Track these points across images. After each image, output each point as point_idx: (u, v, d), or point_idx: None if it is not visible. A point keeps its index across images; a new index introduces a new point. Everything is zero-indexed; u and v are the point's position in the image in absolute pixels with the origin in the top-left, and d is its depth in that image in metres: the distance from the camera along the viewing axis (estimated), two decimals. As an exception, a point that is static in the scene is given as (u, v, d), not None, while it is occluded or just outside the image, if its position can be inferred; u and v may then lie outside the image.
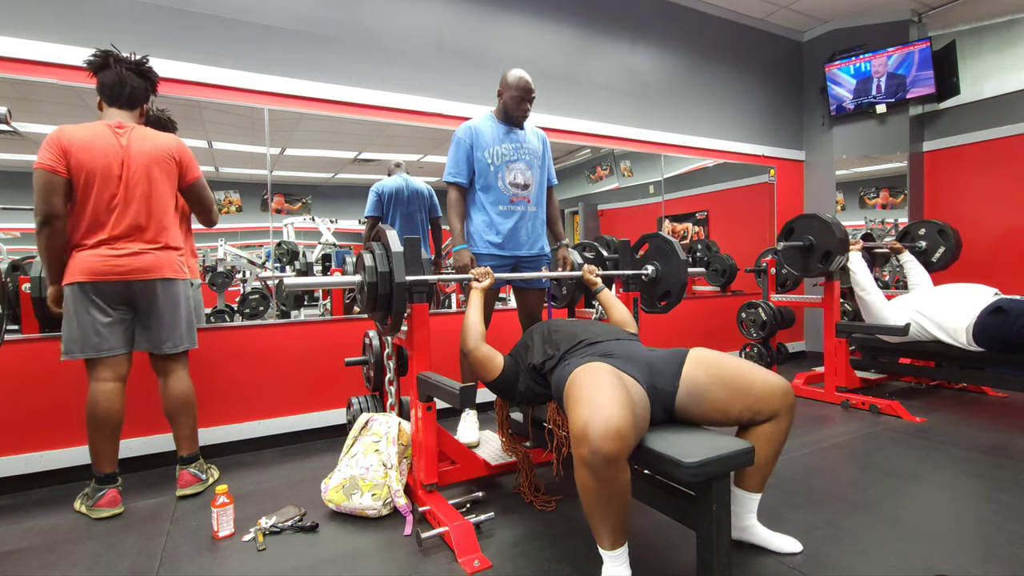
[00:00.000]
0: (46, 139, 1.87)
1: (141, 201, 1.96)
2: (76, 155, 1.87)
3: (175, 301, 2.06)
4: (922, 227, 3.87)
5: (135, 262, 1.95)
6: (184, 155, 2.08)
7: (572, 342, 1.64)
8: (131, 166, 1.95)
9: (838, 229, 3.09)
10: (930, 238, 3.81)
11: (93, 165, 1.89)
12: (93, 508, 1.94)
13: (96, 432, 1.95)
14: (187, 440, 2.15)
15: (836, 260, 3.09)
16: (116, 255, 1.93)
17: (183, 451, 2.14)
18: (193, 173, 2.11)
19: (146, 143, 2.00)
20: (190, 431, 2.15)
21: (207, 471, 2.21)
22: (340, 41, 2.97)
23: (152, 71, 2.09)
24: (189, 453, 2.15)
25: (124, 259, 1.93)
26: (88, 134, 1.91)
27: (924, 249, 3.79)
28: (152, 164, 1.99)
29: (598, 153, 4.09)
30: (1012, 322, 2.61)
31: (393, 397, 2.14)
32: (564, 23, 3.76)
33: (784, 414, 1.43)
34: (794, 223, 3.31)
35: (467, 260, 2.23)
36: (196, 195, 2.15)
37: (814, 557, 1.52)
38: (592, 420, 1.18)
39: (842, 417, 2.96)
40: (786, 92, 5.01)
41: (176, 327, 2.07)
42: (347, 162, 3.31)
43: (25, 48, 2.27)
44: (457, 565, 1.54)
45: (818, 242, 3.17)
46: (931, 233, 3.81)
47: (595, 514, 1.25)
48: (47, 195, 1.84)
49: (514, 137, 2.33)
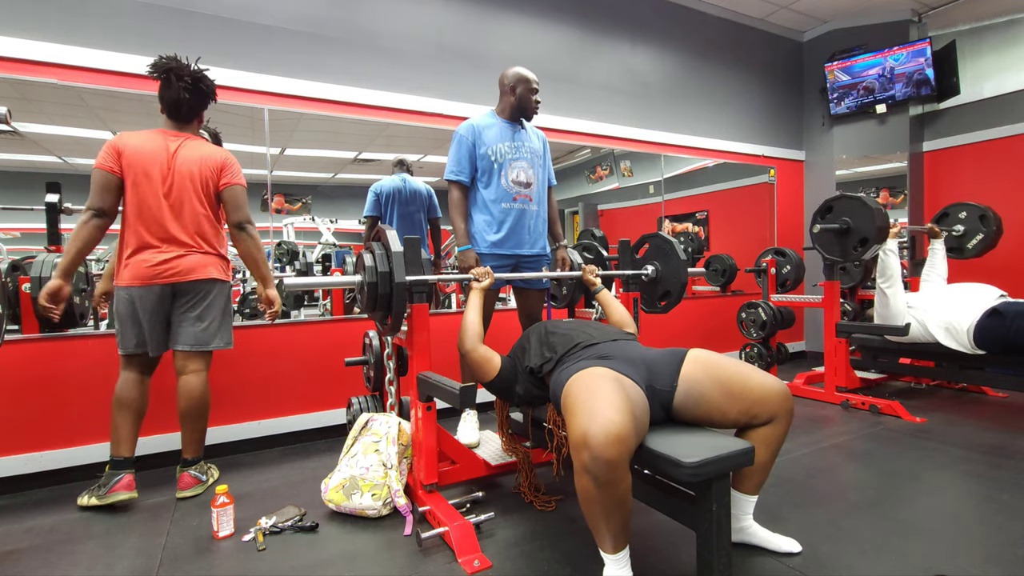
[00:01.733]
0: (105, 143, 2.00)
1: (186, 207, 2.05)
2: (127, 157, 1.99)
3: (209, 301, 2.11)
4: (963, 210, 3.60)
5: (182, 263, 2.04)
6: (228, 163, 2.15)
7: (569, 345, 1.63)
8: (176, 173, 2.03)
9: (879, 216, 2.91)
10: (969, 222, 3.55)
11: (139, 166, 1.99)
12: (107, 494, 1.95)
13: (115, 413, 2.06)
14: (195, 444, 2.15)
15: (872, 249, 2.94)
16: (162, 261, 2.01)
17: (187, 454, 2.14)
18: (227, 180, 2.14)
19: (194, 152, 2.09)
20: (200, 434, 2.16)
21: (207, 471, 2.21)
22: (340, 41, 2.97)
23: (208, 84, 2.13)
24: (193, 456, 2.15)
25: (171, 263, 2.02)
26: (138, 140, 2.03)
27: (962, 234, 3.56)
28: (197, 174, 2.07)
29: (598, 153, 4.09)
30: (1008, 325, 2.62)
31: (393, 397, 2.14)
32: (564, 23, 3.76)
33: (782, 418, 1.42)
34: (833, 202, 3.13)
35: (473, 261, 2.21)
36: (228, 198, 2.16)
37: (814, 557, 1.52)
38: (592, 427, 1.17)
39: (842, 417, 2.96)
40: (786, 92, 5.01)
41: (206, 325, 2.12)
42: (347, 162, 3.31)
43: (25, 48, 2.27)
44: (457, 565, 1.54)
45: (855, 225, 3.00)
46: (971, 217, 3.54)
47: (597, 520, 1.25)
48: (100, 191, 1.97)
49: (517, 135, 2.33)
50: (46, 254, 2.28)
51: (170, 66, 2.03)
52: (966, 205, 3.63)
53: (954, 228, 3.61)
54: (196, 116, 2.16)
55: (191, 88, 2.07)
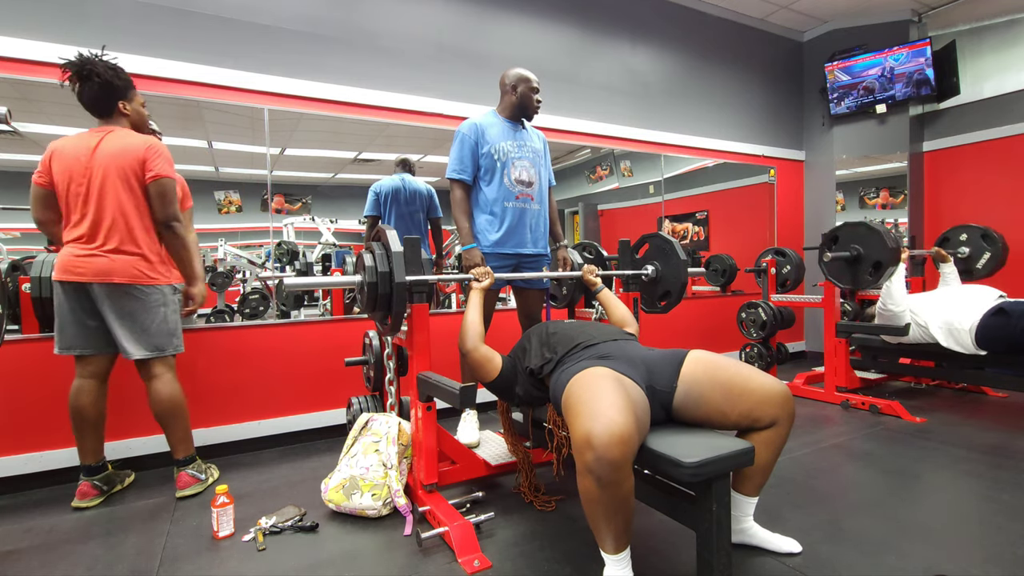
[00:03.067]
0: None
1: (100, 203, 1.95)
2: (55, 164, 1.98)
3: (133, 307, 2.00)
4: (962, 232, 3.62)
5: (93, 264, 1.95)
6: (149, 153, 1.99)
7: (569, 346, 1.63)
8: (94, 169, 1.96)
9: (889, 238, 2.91)
10: (973, 243, 3.56)
11: (65, 170, 1.96)
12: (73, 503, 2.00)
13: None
14: (181, 444, 2.13)
15: (888, 272, 2.93)
16: (78, 256, 1.95)
17: (178, 455, 2.14)
18: (153, 172, 1.99)
19: (116, 144, 1.98)
20: (183, 434, 2.13)
21: (206, 471, 2.21)
22: (340, 41, 2.97)
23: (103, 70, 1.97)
24: (185, 456, 2.14)
25: (84, 260, 1.94)
26: (69, 142, 2.00)
27: (968, 256, 3.56)
28: (115, 167, 1.96)
29: (598, 153, 4.09)
30: (1014, 324, 2.61)
31: (393, 397, 2.14)
32: (564, 23, 3.76)
33: (784, 421, 1.42)
34: (839, 231, 3.13)
35: (478, 260, 2.18)
36: (153, 193, 2.01)
37: (814, 557, 1.52)
38: (595, 427, 1.17)
39: (842, 417, 2.96)
40: (786, 92, 5.01)
41: (142, 333, 2.01)
42: (347, 162, 3.31)
43: (25, 48, 2.27)
44: (457, 565, 1.54)
45: (866, 252, 3.00)
46: (973, 239, 3.56)
47: (599, 520, 1.25)
48: (33, 205, 2.03)
49: (518, 135, 2.33)
50: (46, 254, 2.28)
51: (71, 68, 1.95)
52: (965, 227, 3.65)
53: (959, 251, 3.60)
54: (113, 107, 2.04)
55: (95, 82, 1.97)
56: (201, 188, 2.93)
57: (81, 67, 1.95)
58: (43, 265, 2.19)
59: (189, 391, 2.52)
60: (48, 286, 2.17)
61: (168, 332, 2.08)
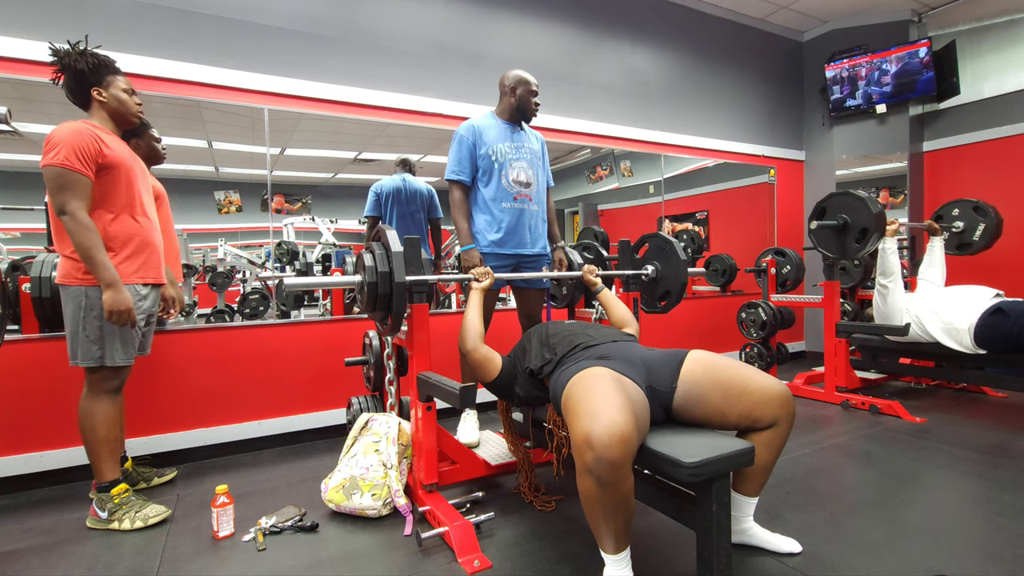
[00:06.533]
0: None
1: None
2: None
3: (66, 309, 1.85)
4: (954, 207, 3.60)
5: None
6: (47, 139, 1.74)
7: (569, 346, 1.63)
8: None
9: (873, 204, 2.94)
10: (966, 217, 3.54)
11: None
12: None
13: None
14: (94, 468, 1.89)
15: (873, 238, 2.95)
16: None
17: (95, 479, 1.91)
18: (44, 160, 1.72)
19: None
20: (93, 458, 1.88)
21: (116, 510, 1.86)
22: (340, 41, 2.97)
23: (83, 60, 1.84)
24: (98, 482, 1.88)
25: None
26: None
27: (962, 229, 3.54)
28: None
29: (598, 153, 4.09)
30: (1012, 323, 2.61)
31: (393, 397, 2.14)
32: (564, 23, 3.75)
33: (784, 421, 1.41)
34: (825, 202, 3.16)
35: (477, 260, 2.20)
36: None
37: (814, 557, 1.53)
38: (594, 427, 1.17)
39: (842, 417, 2.96)
40: (786, 92, 5.01)
41: (68, 337, 1.85)
42: (347, 162, 3.31)
43: (25, 48, 2.27)
44: (457, 565, 1.54)
45: (853, 220, 3.02)
46: (965, 212, 3.54)
47: (599, 520, 1.24)
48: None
49: (516, 136, 2.34)
50: (46, 254, 2.28)
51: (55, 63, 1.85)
52: (956, 202, 3.64)
53: (954, 225, 3.60)
54: (87, 98, 1.89)
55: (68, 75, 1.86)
56: (201, 188, 2.94)
57: (59, 60, 1.85)
58: (43, 265, 2.19)
59: (189, 391, 2.54)
60: (48, 286, 2.16)
61: (81, 339, 1.81)
